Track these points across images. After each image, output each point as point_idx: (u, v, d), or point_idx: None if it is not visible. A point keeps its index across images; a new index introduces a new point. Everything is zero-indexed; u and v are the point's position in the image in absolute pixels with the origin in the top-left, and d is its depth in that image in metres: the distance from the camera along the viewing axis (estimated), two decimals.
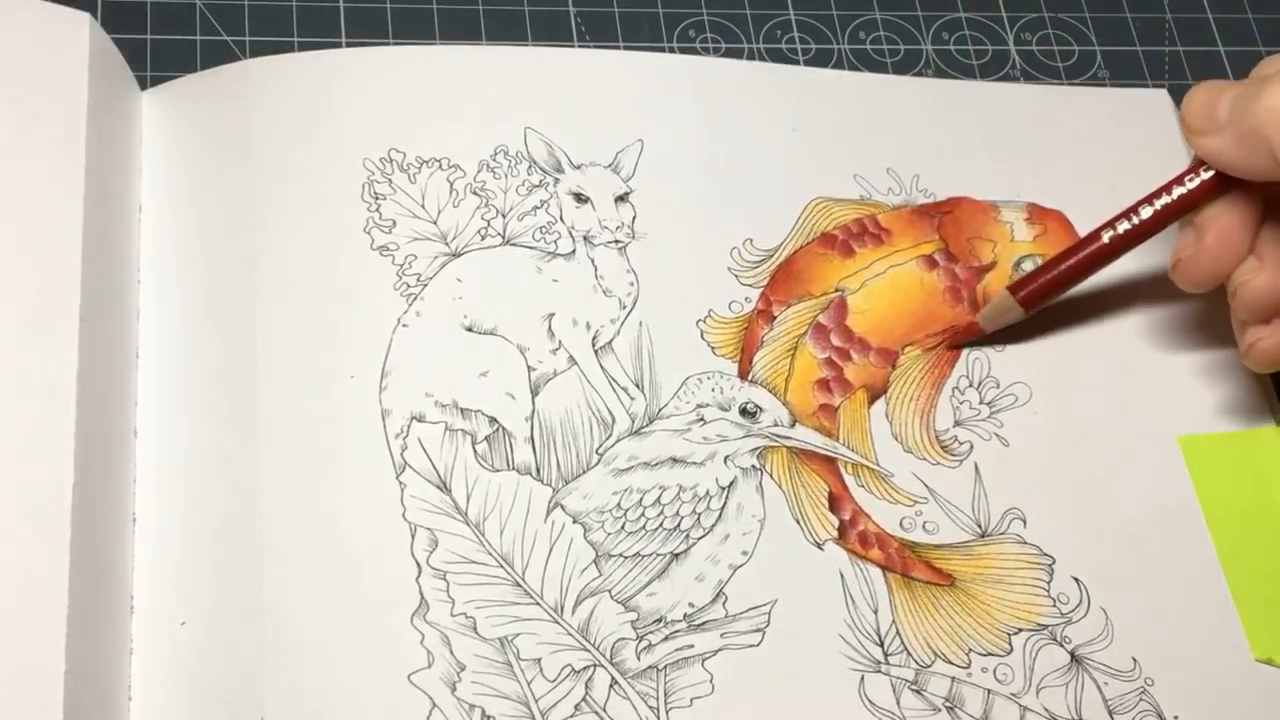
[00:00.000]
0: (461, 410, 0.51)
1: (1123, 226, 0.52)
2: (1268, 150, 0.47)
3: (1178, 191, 0.52)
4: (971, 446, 0.53)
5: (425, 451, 0.50)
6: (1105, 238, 0.53)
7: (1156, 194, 0.52)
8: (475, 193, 0.55)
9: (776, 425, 0.52)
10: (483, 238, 0.54)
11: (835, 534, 0.51)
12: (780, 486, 0.51)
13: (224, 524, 0.48)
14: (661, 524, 0.50)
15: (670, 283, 0.54)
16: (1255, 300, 0.51)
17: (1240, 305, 0.51)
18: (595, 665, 0.47)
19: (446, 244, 0.54)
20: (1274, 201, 0.51)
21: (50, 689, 0.42)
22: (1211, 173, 0.51)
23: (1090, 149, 0.59)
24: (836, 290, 0.55)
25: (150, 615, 0.47)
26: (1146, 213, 0.52)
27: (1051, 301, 0.54)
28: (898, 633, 0.49)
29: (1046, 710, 0.48)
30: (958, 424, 0.53)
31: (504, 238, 0.54)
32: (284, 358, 0.50)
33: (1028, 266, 0.56)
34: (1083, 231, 0.57)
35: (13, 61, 0.51)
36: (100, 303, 0.49)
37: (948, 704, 0.48)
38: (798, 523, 0.50)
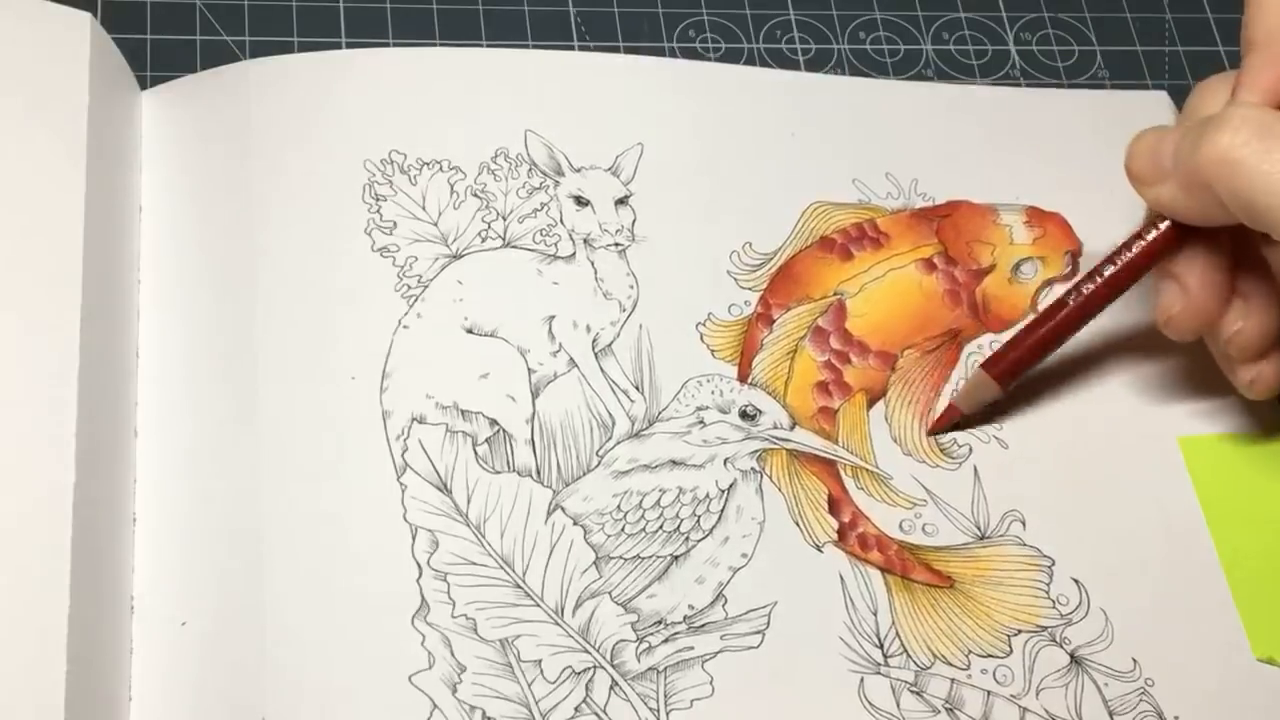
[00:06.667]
0: (462, 412, 0.51)
1: (1087, 289, 0.51)
2: (1214, 197, 0.47)
3: (1138, 246, 0.51)
4: (970, 449, 0.53)
5: (426, 453, 0.50)
6: (1071, 302, 0.52)
7: (1118, 251, 0.51)
8: (476, 195, 0.55)
9: (776, 428, 0.52)
10: (483, 240, 0.54)
11: (835, 536, 0.51)
12: (780, 489, 0.51)
13: (224, 524, 0.48)
14: (661, 526, 0.50)
15: (670, 286, 0.54)
16: (1252, 343, 0.50)
17: (1238, 350, 0.51)
18: (595, 667, 0.47)
19: (447, 246, 0.54)
20: (1240, 238, 0.50)
21: (51, 689, 0.42)
22: (1169, 223, 0.50)
23: (1090, 151, 0.59)
24: (835, 294, 0.55)
25: (150, 615, 0.47)
26: (1110, 271, 0.51)
27: (1026, 375, 0.53)
28: (897, 634, 0.49)
29: (1046, 711, 0.48)
30: (956, 426, 0.53)
31: (504, 240, 0.54)
32: (285, 358, 0.50)
33: (1027, 269, 0.56)
34: (1082, 234, 0.57)
35: (13, 61, 0.51)
36: (100, 303, 0.49)
37: (947, 705, 0.48)
38: (797, 525, 0.51)
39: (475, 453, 0.50)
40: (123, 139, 0.53)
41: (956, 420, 0.53)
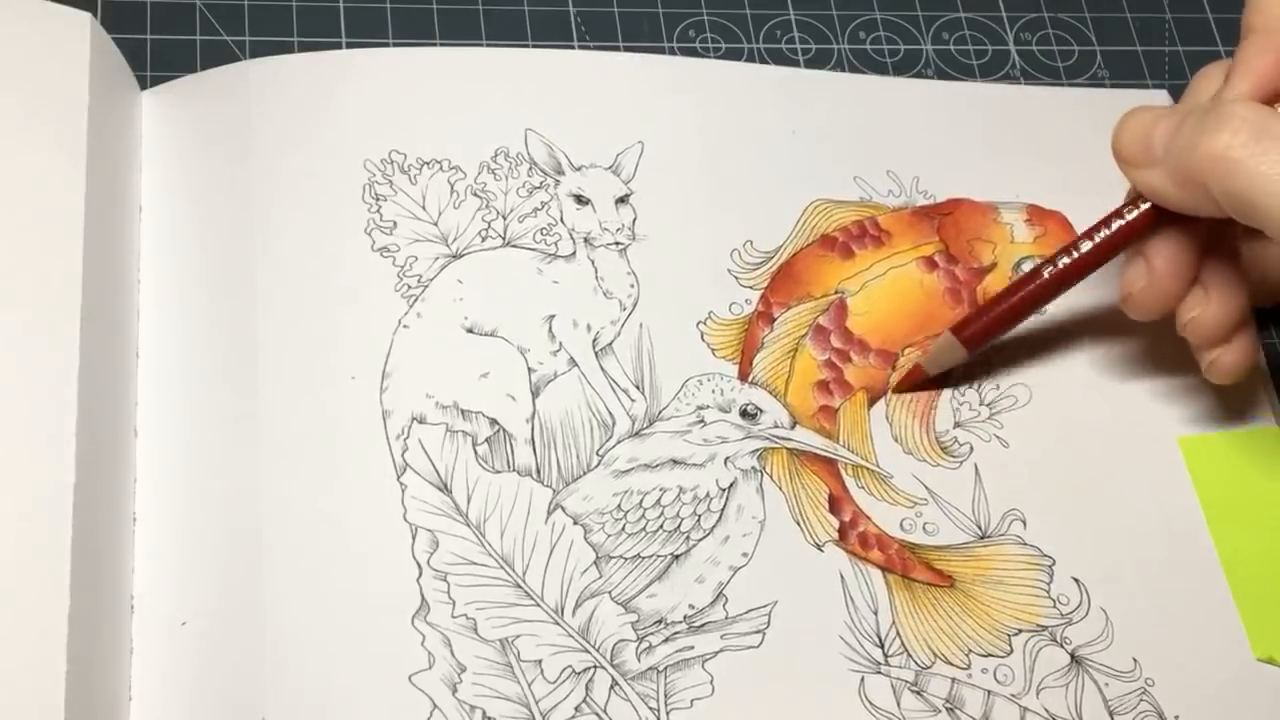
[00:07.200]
0: (462, 411, 0.51)
1: (1063, 261, 0.51)
2: (1207, 193, 0.47)
3: (1117, 224, 0.51)
4: (971, 448, 0.53)
5: (426, 453, 0.50)
6: (1045, 274, 0.52)
7: (1096, 227, 0.51)
8: (476, 194, 0.55)
9: (777, 427, 0.52)
10: (483, 239, 0.54)
11: (835, 535, 0.51)
12: (780, 488, 0.51)
13: (224, 524, 0.48)
14: (662, 525, 0.50)
15: (670, 284, 0.54)
16: (1208, 331, 0.51)
17: (1194, 335, 0.51)
18: (596, 667, 0.47)
19: (447, 245, 0.54)
20: (1216, 225, 0.50)
21: (51, 689, 0.42)
22: (1150, 205, 0.50)
23: (1090, 150, 0.58)
24: (836, 292, 0.55)
25: (150, 615, 0.47)
26: (1086, 247, 0.51)
27: (995, 341, 0.53)
28: (898, 634, 0.49)
29: (1047, 711, 0.49)
30: (957, 425, 0.53)
31: (505, 239, 0.54)
32: (284, 358, 0.50)
33: (1027, 268, 0.56)
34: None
35: (13, 61, 0.51)
36: (100, 303, 0.49)
37: (948, 705, 0.48)
38: (798, 524, 0.51)
39: (475, 452, 0.50)
40: (123, 139, 0.53)
41: (921, 380, 0.54)
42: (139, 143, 0.54)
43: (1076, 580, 0.51)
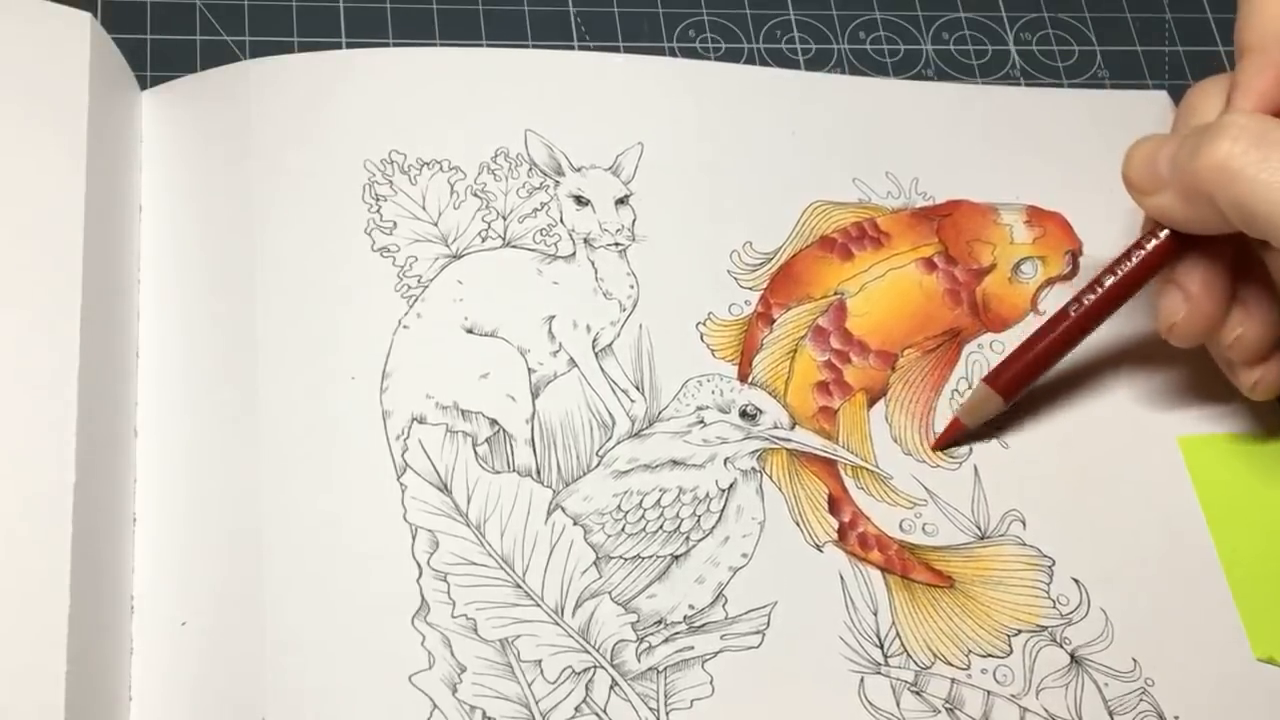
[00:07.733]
0: (462, 412, 0.51)
1: (1089, 299, 0.51)
2: (1213, 206, 0.47)
3: (1138, 256, 0.51)
4: (971, 449, 0.53)
5: (426, 453, 0.50)
6: (1072, 313, 0.51)
7: (1118, 261, 0.51)
8: (476, 195, 0.55)
9: (776, 427, 0.52)
10: (483, 240, 0.54)
11: (835, 536, 0.51)
12: (780, 489, 0.51)
13: (224, 524, 0.48)
14: (661, 526, 0.50)
15: (670, 285, 0.54)
16: (1253, 347, 0.51)
17: (1240, 354, 0.51)
18: (595, 667, 0.47)
19: (447, 246, 0.54)
20: (1239, 244, 0.50)
21: (51, 689, 0.42)
22: (1168, 232, 0.50)
23: (1090, 151, 0.59)
24: (836, 293, 0.55)
25: (150, 615, 0.47)
26: (1110, 282, 0.51)
27: (1030, 387, 0.53)
28: (897, 634, 0.49)
29: (1046, 711, 0.48)
30: (960, 440, 0.53)
31: (504, 240, 0.54)
32: (284, 358, 0.50)
33: (1027, 269, 0.56)
34: (1082, 233, 0.57)
35: (13, 61, 0.51)
36: (100, 303, 0.49)
37: (947, 705, 0.48)
38: (797, 525, 0.51)
39: (475, 453, 0.50)
40: (123, 139, 0.53)
41: (961, 434, 0.53)
42: (139, 143, 0.54)
43: (1076, 580, 0.51)
